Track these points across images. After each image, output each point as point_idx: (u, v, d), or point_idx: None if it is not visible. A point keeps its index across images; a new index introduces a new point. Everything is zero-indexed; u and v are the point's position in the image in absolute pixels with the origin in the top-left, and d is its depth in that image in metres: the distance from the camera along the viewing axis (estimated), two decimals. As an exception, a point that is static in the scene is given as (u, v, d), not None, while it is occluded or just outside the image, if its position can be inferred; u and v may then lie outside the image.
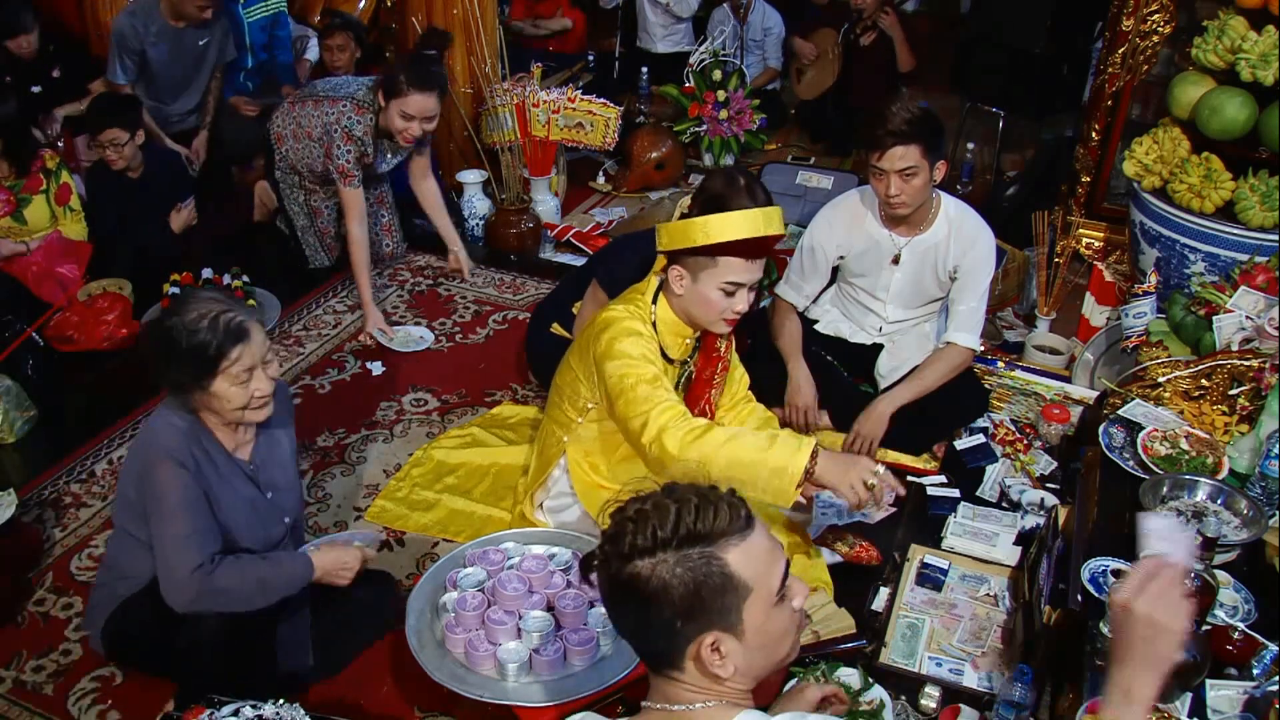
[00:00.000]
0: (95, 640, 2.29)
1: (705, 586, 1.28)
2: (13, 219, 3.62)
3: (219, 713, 1.80)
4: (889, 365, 3.10)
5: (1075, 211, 3.87)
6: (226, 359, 1.99)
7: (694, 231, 2.23)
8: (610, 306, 2.44)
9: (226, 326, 1.99)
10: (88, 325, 3.54)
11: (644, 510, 1.31)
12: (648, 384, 2.26)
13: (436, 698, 2.25)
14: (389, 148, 3.74)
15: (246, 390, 2.04)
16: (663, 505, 1.31)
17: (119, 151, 3.77)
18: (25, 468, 3.05)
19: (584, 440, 2.55)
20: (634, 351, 2.30)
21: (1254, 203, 2.96)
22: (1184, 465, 2.49)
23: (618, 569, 1.30)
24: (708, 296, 2.31)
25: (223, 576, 2.03)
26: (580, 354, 2.48)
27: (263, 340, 2.06)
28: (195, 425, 2.10)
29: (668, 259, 2.36)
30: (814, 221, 3.06)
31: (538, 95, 4.41)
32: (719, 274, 2.27)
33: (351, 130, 3.58)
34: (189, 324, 1.98)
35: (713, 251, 2.24)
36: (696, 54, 5.14)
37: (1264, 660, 1.96)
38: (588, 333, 2.45)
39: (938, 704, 2.24)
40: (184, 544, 2.02)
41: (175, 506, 2.02)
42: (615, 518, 1.34)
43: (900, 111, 2.69)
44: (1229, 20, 3.06)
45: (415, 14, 4.37)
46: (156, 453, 2.04)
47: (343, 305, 3.96)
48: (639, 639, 1.37)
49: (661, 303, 2.41)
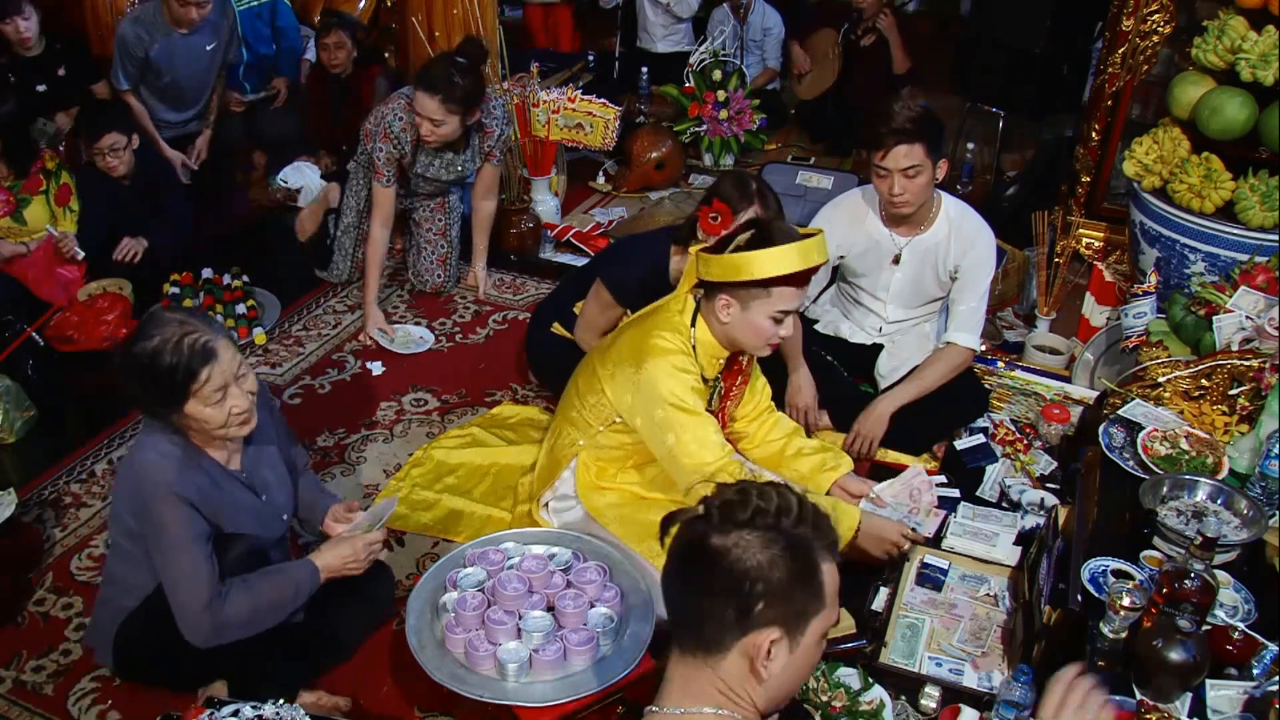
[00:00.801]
0: (105, 657, 2.25)
1: (801, 581, 1.28)
2: (12, 219, 3.62)
3: (219, 713, 1.79)
4: (889, 365, 3.10)
5: (1075, 211, 3.87)
6: (196, 381, 1.93)
7: (749, 267, 2.24)
8: (654, 332, 2.39)
9: (192, 348, 1.92)
10: (88, 325, 3.54)
11: (769, 490, 1.31)
12: (701, 430, 2.33)
13: (436, 698, 2.25)
14: (430, 152, 3.64)
15: (222, 409, 1.99)
16: (786, 493, 1.31)
17: (119, 156, 3.76)
18: (25, 468, 3.05)
19: (601, 447, 2.54)
20: (686, 398, 2.34)
21: (1254, 203, 2.96)
22: (1184, 465, 2.49)
23: (725, 531, 1.28)
24: (758, 325, 2.33)
25: (234, 605, 2.02)
26: (613, 372, 2.43)
27: (232, 356, 2.00)
28: (188, 448, 2.04)
29: (707, 287, 2.36)
30: (814, 221, 3.06)
31: (538, 95, 4.41)
32: (772, 303, 2.30)
33: (391, 126, 3.52)
34: (153, 349, 1.92)
35: (766, 284, 2.27)
36: (696, 54, 5.14)
37: (1264, 660, 1.96)
38: (625, 352, 2.41)
39: (938, 704, 2.24)
40: (192, 581, 1.99)
41: (180, 542, 1.98)
42: (737, 486, 1.32)
43: (903, 110, 2.70)
44: (1229, 20, 3.05)
45: (415, 14, 4.37)
46: (156, 489, 1.99)
47: (343, 305, 3.96)
48: (697, 612, 1.31)
49: (700, 326, 2.41)
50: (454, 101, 3.36)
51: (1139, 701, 1.90)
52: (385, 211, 3.64)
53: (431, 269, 3.97)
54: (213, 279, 3.88)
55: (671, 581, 1.36)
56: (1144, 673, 1.93)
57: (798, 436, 2.70)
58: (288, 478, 2.28)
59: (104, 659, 2.27)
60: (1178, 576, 1.98)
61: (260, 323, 3.70)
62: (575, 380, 2.61)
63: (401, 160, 3.61)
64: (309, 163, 4.71)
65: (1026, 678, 2.07)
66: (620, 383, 2.41)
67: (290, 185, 4.72)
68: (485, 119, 3.63)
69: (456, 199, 3.98)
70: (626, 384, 2.40)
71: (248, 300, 3.78)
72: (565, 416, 2.60)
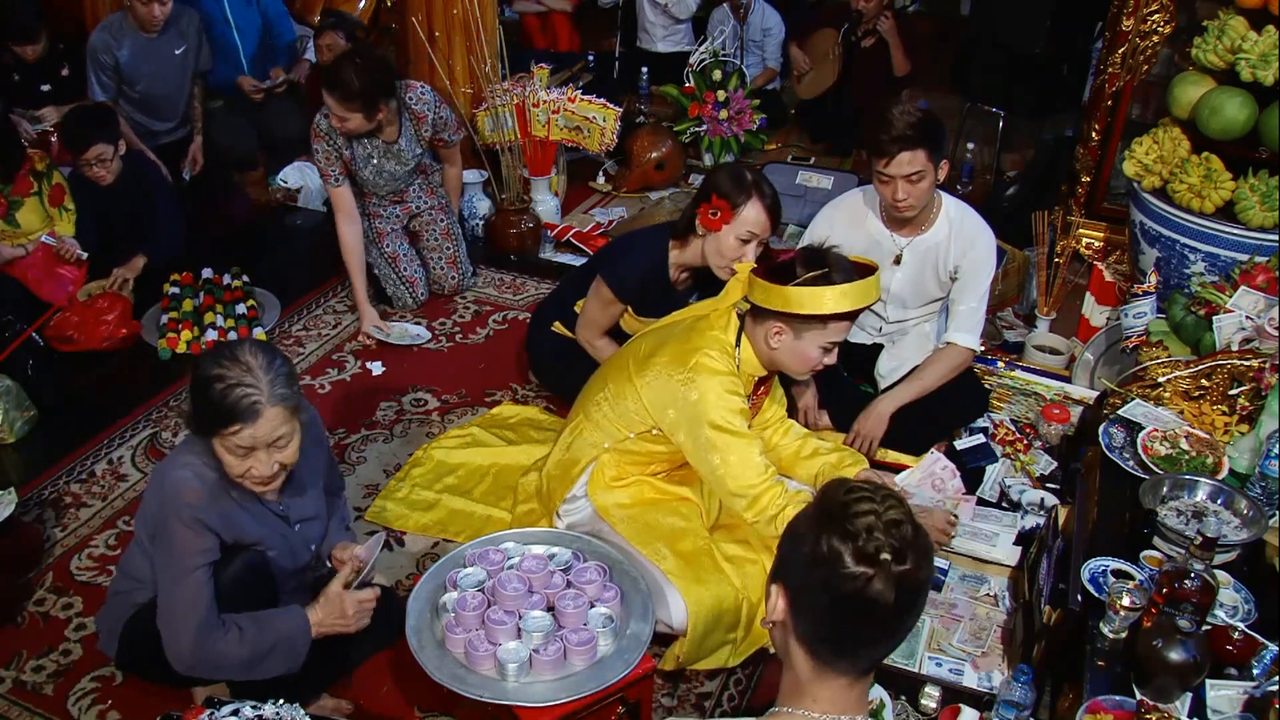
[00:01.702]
0: (109, 646, 2.24)
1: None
2: (4, 222, 3.61)
3: (219, 713, 1.79)
4: (889, 365, 3.10)
5: (1075, 211, 3.87)
6: (228, 429, 1.91)
7: (814, 302, 2.28)
8: (702, 350, 2.38)
9: (238, 402, 1.89)
10: (88, 325, 3.55)
11: (899, 518, 1.29)
12: (747, 451, 2.35)
13: (436, 698, 2.26)
14: (367, 145, 3.67)
15: (242, 465, 1.96)
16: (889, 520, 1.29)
17: (106, 167, 3.76)
18: (25, 468, 3.05)
19: (628, 452, 2.54)
20: (734, 420, 2.35)
21: (1254, 203, 2.96)
22: (1184, 465, 2.49)
23: (880, 576, 1.25)
24: (807, 354, 2.38)
25: (224, 647, 1.98)
26: (651, 382, 2.42)
27: (277, 426, 1.93)
28: (224, 473, 2.01)
29: (759, 311, 2.38)
30: (816, 219, 3.06)
31: (538, 95, 4.41)
32: (825, 335, 2.35)
33: (319, 125, 3.61)
34: (208, 378, 1.90)
35: (825, 319, 2.31)
36: (696, 54, 5.14)
37: (1264, 660, 1.96)
38: (668, 365, 2.39)
39: (938, 704, 2.24)
40: (188, 612, 1.96)
41: (185, 571, 1.96)
42: (864, 528, 1.27)
43: (903, 116, 2.69)
44: (1229, 20, 3.05)
45: (415, 14, 4.37)
46: (181, 509, 1.96)
47: (342, 305, 3.96)
48: (865, 647, 1.33)
49: (745, 346, 2.43)
50: (352, 99, 3.46)
51: (1139, 701, 1.89)
52: (346, 209, 3.70)
53: (446, 273, 3.98)
54: (213, 279, 3.88)
55: (875, 628, 1.32)
56: (1144, 673, 1.93)
57: (812, 438, 2.71)
58: (325, 514, 2.27)
59: (106, 646, 2.26)
60: (1178, 576, 1.98)
61: (260, 323, 3.70)
62: (604, 382, 2.56)
63: (344, 158, 3.65)
64: (309, 163, 4.71)
65: (1026, 678, 2.07)
66: (661, 395, 2.40)
67: (290, 185, 4.72)
68: (415, 105, 3.72)
69: (442, 202, 4.00)
70: (669, 398, 2.39)
71: (248, 300, 3.78)
72: (588, 417, 2.56)
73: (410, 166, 3.80)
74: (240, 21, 4.75)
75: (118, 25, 4.23)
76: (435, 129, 3.80)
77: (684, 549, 2.43)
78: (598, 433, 2.53)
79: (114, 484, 2.99)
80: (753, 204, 2.73)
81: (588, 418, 2.56)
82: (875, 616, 1.27)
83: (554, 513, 2.62)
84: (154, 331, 3.63)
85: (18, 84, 4.22)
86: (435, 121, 3.78)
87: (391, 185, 3.82)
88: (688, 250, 2.92)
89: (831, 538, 1.26)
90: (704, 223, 2.78)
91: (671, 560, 2.39)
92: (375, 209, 3.87)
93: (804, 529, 1.31)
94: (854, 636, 1.31)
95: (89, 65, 4.21)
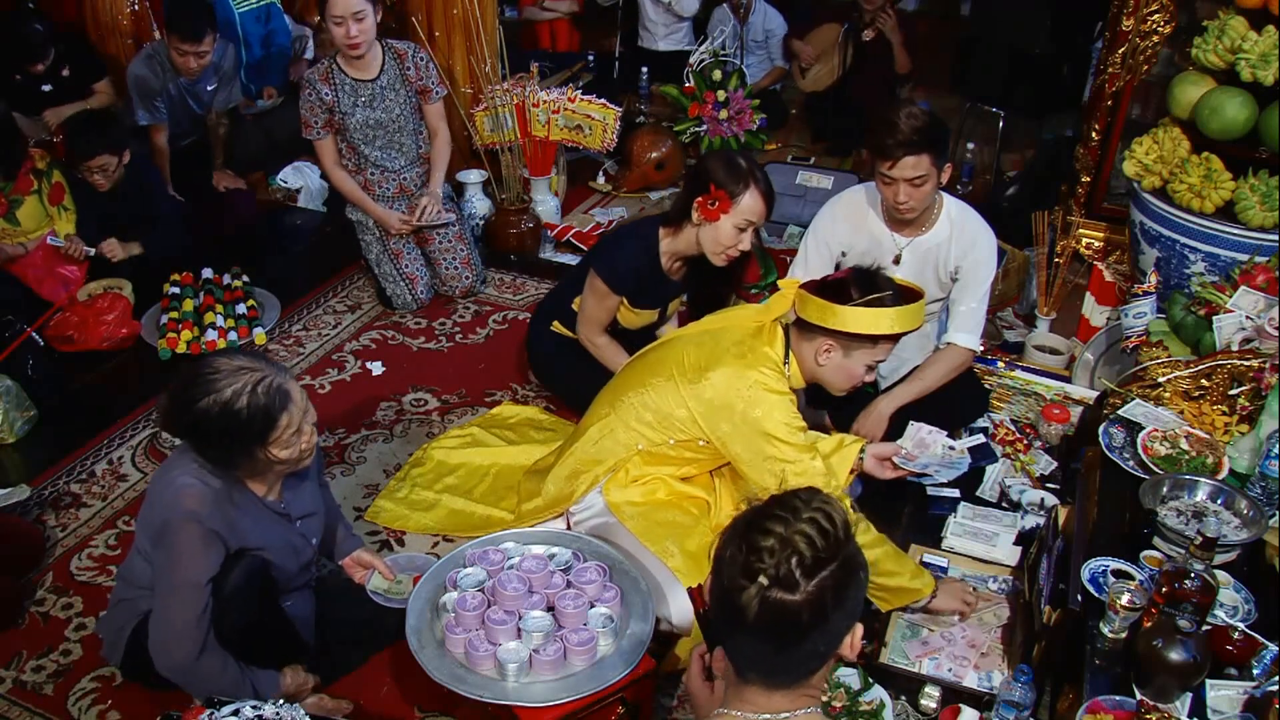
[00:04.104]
0: (113, 655, 2.24)
1: (858, 586, 1.34)
2: (5, 221, 3.61)
3: (219, 713, 1.79)
4: (889, 365, 3.09)
5: (1075, 211, 3.86)
6: (276, 429, 1.92)
7: (873, 323, 2.34)
8: (757, 368, 2.38)
9: (268, 392, 1.89)
10: (88, 325, 3.54)
11: (804, 533, 1.29)
12: (808, 466, 2.37)
13: (436, 698, 2.26)
14: (353, 90, 3.70)
15: (296, 448, 1.99)
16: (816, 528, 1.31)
17: (107, 175, 3.74)
18: (25, 468, 3.05)
19: (663, 455, 2.53)
20: (795, 437, 2.37)
21: (1254, 203, 2.96)
22: (1184, 465, 2.49)
23: (793, 588, 1.28)
24: (854, 371, 2.45)
25: (207, 663, 1.99)
26: (698, 393, 2.41)
27: (300, 394, 1.97)
28: (228, 484, 2.02)
29: (808, 327, 2.41)
30: (818, 216, 3.06)
31: (538, 95, 4.41)
32: (874, 354, 2.44)
33: (311, 80, 3.71)
34: (225, 402, 1.88)
35: (877, 339, 2.38)
36: (697, 54, 5.14)
37: (1264, 660, 1.96)
38: (721, 384, 2.38)
39: (938, 704, 2.24)
40: (185, 625, 1.96)
41: (184, 582, 1.97)
42: (762, 547, 1.29)
43: (908, 120, 2.67)
44: (1229, 20, 3.05)
45: (415, 14, 4.37)
46: (181, 514, 1.96)
47: (343, 305, 3.96)
48: (790, 660, 1.34)
49: (793, 363, 2.46)
50: None
51: (1139, 701, 1.89)
52: (330, 156, 3.82)
53: (458, 273, 3.96)
54: (213, 279, 3.88)
55: (753, 644, 1.34)
56: (1144, 673, 1.93)
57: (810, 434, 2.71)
58: (323, 507, 2.28)
59: (110, 654, 2.26)
60: (1178, 576, 1.99)
61: (260, 323, 3.70)
62: (641, 383, 2.52)
63: (327, 104, 3.67)
64: (309, 163, 4.71)
65: (1026, 678, 2.07)
66: (717, 410, 2.40)
67: (290, 185, 4.71)
68: (396, 44, 3.77)
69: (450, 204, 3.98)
70: (725, 413, 2.38)
71: (248, 300, 3.78)
72: (620, 418, 2.53)
73: (396, 117, 3.73)
74: (250, 37, 4.75)
75: (163, 59, 4.14)
76: (417, 69, 3.76)
77: (692, 547, 2.43)
78: (631, 434, 2.52)
79: (114, 484, 2.99)
80: (750, 193, 2.75)
81: (620, 420, 2.53)
82: (742, 629, 1.31)
83: (570, 503, 2.61)
84: (154, 331, 3.62)
85: (18, 84, 4.21)
86: (415, 59, 3.77)
87: (384, 144, 3.78)
88: (680, 238, 2.92)
89: (736, 544, 1.32)
90: (703, 214, 2.78)
91: (679, 559, 2.39)
92: (379, 199, 3.86)
93: (727, 531, 1.36)
94: (734, 646, 1.37)
95: (132, 93, 4.15)
